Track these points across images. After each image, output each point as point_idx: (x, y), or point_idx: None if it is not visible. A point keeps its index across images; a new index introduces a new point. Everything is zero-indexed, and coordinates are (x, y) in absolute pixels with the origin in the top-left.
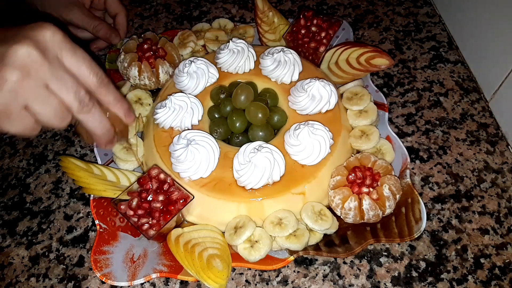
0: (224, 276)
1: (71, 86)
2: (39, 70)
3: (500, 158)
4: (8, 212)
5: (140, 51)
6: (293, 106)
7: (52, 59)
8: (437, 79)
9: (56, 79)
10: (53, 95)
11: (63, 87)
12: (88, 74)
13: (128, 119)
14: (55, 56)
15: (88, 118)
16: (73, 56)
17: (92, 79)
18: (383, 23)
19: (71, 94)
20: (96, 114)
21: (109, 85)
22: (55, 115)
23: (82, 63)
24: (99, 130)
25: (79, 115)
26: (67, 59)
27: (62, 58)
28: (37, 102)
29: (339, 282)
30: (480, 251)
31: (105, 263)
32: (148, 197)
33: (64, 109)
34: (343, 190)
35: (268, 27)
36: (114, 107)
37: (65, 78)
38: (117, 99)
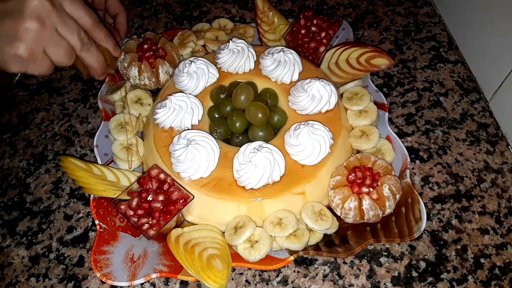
0: (224, 276)
1: (74, 29)
2: (50, 18)
3: (500, 158)
4: (8, 212)
5: (140, 51)
6: (293, 106)
7: (58, 7)
8: (437, 79)
9: (63, 24)
10: (62, 38)
11: (69, 30)
12: (84, 16)
13: (116, 51)
14: (59, 4)
15: (88, 55)
16: (72, 2)
17: (88, 20)
18: (383, 23)
19: (75, 36)
20: (94, 50)
21: (100, 25)
22: (65, 55)
23: (79, 8)
24: (96, 64)
25: (81, 53)
26: (68, 6)
27: (64, 5)
28: (52, 46)
29: (339, 282)
30: (480, 251)
31: (105, 263)
32: (148, 197)
33: (71, 49)
34: (343, 190)
35: (268, 27)
36: (105, 42)
37: (69, 22)
38: (107, 35)
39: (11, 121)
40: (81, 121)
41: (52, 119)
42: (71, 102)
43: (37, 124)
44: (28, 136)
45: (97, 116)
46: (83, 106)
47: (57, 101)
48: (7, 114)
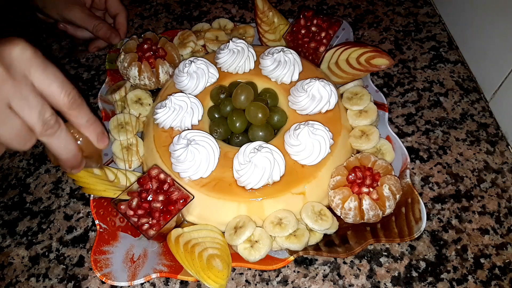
0: (224, 276)
1: (35, 105)
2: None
3: (500, 158)
4: (8, 212)
5: (140, 51)
6: (293, 106)
7: (17, 77)
8: (437, 79)
9: (19, 98)
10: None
11: (25, 107)
12: (59, 94)
13: (100, 143)
14: (22, 74)
15: (52, 141)
16: (43, 73)
17: (63, 98)
18: (383, 23)
19: (35, 114)
20: (62, 137)
21: (81, 106)
22: (17, 136)
23: (52, 81)
24: (64, 154)
25: (42, 137)
26: (36, 77)
27: (30, 76)
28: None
29: (339, 282)
30: (480, 251)
31: (105, 263)
32: (148, 197)
33: (27, 131)
34: (343, 190)
35: (268, 27)
36: (86, 130)
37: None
38: (90, 121)
39: None
40: None
41: None
42: None
43: None
44: None
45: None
46: None
47: None
48: None
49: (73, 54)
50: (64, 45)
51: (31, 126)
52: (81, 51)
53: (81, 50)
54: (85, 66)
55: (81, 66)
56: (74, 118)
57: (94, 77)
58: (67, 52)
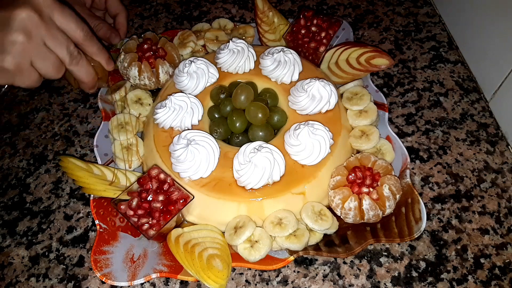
0: (224, 276)
1: (63, 42)
2: (38, 31)
3: (500, 158)
4: (8, 212)
5: (140, 51)
6: (293, 106)
7: (47, 20)
8: (437, 79)
9: (52, 37)
10: (50, 51)
11: (57, 44)
12: (75, 29)
13: (109, 66)
14: (48, 17)
15: (77, 69)
16: (63, 15)
17: (79, 33)
18: (383, 23)
19: (64, 49)
20: (84, 64)
21: (93, 38)
22: (53, 68)
23: (70, 21)
24: (85, 78)
25: (70, 66)
26: (58, 18)
27: (54, 18)
28: (40, 59)
29: (339, 282)
30: (480, 251)
31: (105, 263)
32: (148, 197)
33: (60, 62)
34: (343, 190)
35: (268, 27)
36: (98, 56)
37: (58, 36)
38: (100, 49)
39: (11, 121)
40: (81, 121)
41: (52, 119)
42: (71, 102)
43: (37, 124)
44: (28, 136)
45: (97, 116)
46: (83, 106)
47: (57, 101)
48: (7, 114)
49: None
50: None
51: (62, 58)
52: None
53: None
54: None
55: None
56: (89, 47)
57: None
58: None
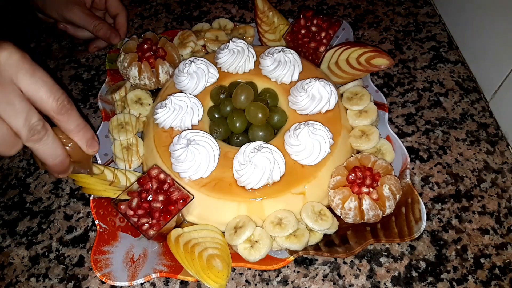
0: (224, 276)
1: (21, 111)
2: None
3: (500, 158)
4: (8, 212)
5: (140, 51)
6: (293, 106)
7: (4, 82)
8: (437, 79)
9: (5, 104)
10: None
11: (11, 113)
12: (47, 99)
13: (89, 149)
14: (8, 78)
15: (38, 147)
16: (31, 78)
17: (51, 104)
18: (383, 23)
19: (20, 120)
20: (49, 142)
21: (71, 111)
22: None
23: (41, 86)
24: (50, 160)
25: (28, 143)
26: (23, 82)
27: (17, 81)
28: None
29: (339, 282)
30: (480, 251)
31: (105, 263)
32: (148, 197)
33: (13, 136)
34: (343, 190)
35: (268, 27)
36: (75, 136)
37: (16, 103)
38: (79, 127)
39: None
40: None
41: None
42: None
43: None
44: None
45: (97, 116)
46: (83, 106)
47: None
48: None
49: (73, 54)
50: (64, 45)
51: (17, 131)
52: (81, 51)
53: (81, 50)
54: (85, 66)
55: (81, 66)
56: (63, 123)
57: (94, 77)
58: (67, 52)
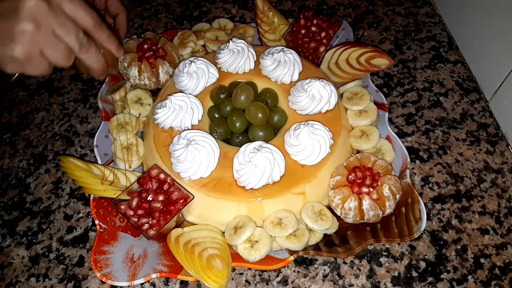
0: (224, 276)
1: (72, 30)
2: (47, 19)
3: (500, 158)
4: (8, 212)
5: (140, 51)
6: (293, 106)
7: (55, 8)
8: (437, 79)
9: (61, 25)
10: (60, 40)
11: (66, 32)
12: (85, 17)
13: (119, 52)
14: (57, 4)
15: (86, 56)
16: (72, 2)
17: (88, 20)
18: (383, 23)
19: (73, 37)
20: (93, 52)
21: (102, 25)
22: (63, 56)
23: (79, 8)
24: (95, 65)
25: (80, 54)
26: (67, 6)
27: (63, 5)
28: (49, 47)
29: (339, 282)
30: (480, 251)
31: (105, 263)
32: (148, 197)
33: (69, 50)
34: (343, 190)
35: (268, 27)
36: (107, 43)
37: (67, 23)
38: (110, 36)
39: (11, 121)
40: (81, 121)
41: (52, 119)
42: (71, 102)
43: (37, 124)
44: (28, 136)
45: (97, 116)
46: (83, 106)
47: (57, 101)
48: (7, 114)
49: None
50: None
51: (71, 46)
52: None
53: None
54: None
55: None
56: (99, 34)
57: None
58: None
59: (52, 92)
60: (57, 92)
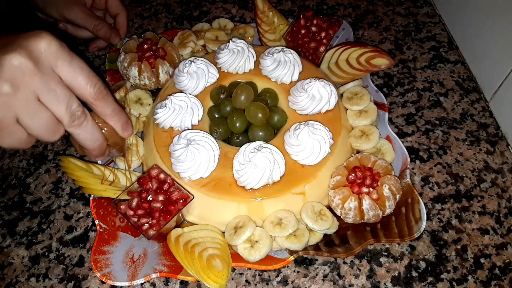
0: (224, 276)
1: (62, 98)
2: (30, 82)
3: (500, 158)
4: (8, 212)
5: (140, 51)
6: (293, 106)
7: (45, 70)
8: (437, 79)
9: (47, 91)
10: (44, 108)
11: (53, 100)
12: (85, 85)
13: (124, 133)
14: (49, 67)
15: (79, 132)
16: (70, 66)
17: (89, 90)
18: (383, 23)
19: (62, 107)
20: (88, 127)
21: (107, 97)
22: (46, 128)
23: (79, 74)
24: (90, 144)
25: (69, 128)
26: (62, 70)
27: (57, 69)
28: (27, 115)
29: (339, 282)
30: (480, 251)
31: (105, 263)
32: (148, 197)
33: (55, 122)
34: (343, 190)
35: (268, 27)
36: (111, 120)
37: (57, 90)
38: (115, 111)
39: None
40: None
41: None
42: None
43: None
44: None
45: None
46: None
47: None
48: None
49: None
50: None
51: (59, 118)
52: (81, 51)
53: (81, 50)
54: None
55: None
56: (100, 108)
57: None
58: None
59: None
60: None
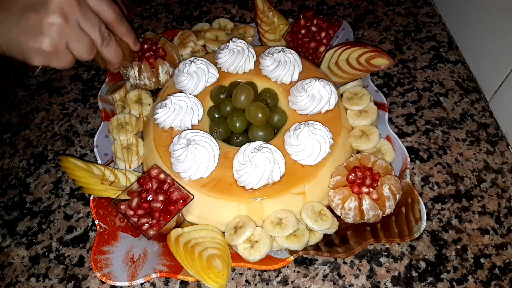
0: (224, 276)
1: (96, 23)
2: (74, 13)
3: (500, 158)
4: (8, 212)
5: (140, 51)
6: (293, 106)
7: (81, 1)
8: (437, 79)
9: (86, 19)
10: (85, 33)
11: (91, 26)
12: (108, 10)
13: (136, 46)
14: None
15: (107, 50)
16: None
17: (111, 14)
18: (383, 23)
19: (97, 31)
20: (113, 45)
21: (123, 19)
22: (87, 49)
23: (102, 2)
24: (114, 59)
25: (101, 48)
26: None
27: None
28: (75, 40)
29: (339, 282)
30: (480, 251)
31: (105, 263)
32: (148, 197)
33: (92, 44)
34: (343, 190)
35: (268, 27)
36: (126, 37)
37: (91, 17)
38: (129, 30)
39: (11, 121)
40: (81, 121)
41: (52, 119)
42: (71, 102)
43: (37, 124)
44: (28, 136)
45: (97, 116)
46: (83, 106)
47: (57, 101)
48: (7, 114)
49: None
50: None
51: (94, 40)
52: None
53: None
54: (85, 66)
55: (81, 66)
56: (119, 28)
57: (94, 77)
58: None
59: (52, 92)
60: (57, 92)
